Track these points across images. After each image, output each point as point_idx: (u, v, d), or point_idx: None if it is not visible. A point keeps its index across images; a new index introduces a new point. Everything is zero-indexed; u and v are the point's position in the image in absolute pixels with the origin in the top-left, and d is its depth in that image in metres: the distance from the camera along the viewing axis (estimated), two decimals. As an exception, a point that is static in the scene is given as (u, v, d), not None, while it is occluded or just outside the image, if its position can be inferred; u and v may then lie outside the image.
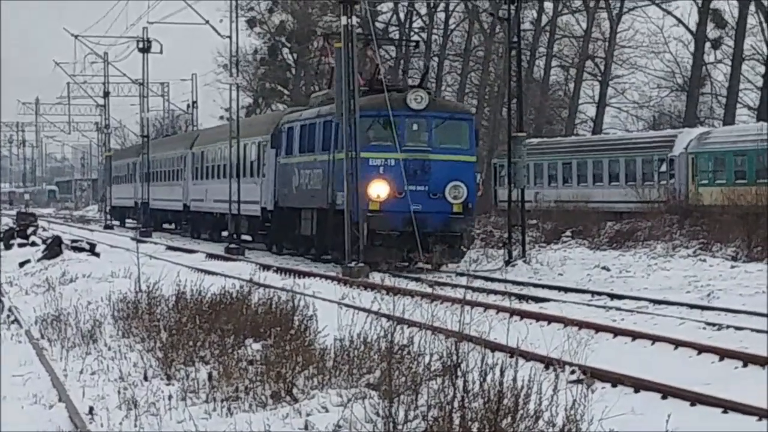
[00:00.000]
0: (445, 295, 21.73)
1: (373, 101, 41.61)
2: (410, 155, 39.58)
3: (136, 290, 27.99)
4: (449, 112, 43.38)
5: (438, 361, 14.65)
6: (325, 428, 14.74)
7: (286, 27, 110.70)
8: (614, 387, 17.95)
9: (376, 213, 38.96)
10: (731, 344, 23.01)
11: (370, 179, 39.37)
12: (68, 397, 18.66)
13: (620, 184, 68.56)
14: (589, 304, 31.48)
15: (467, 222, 40.51)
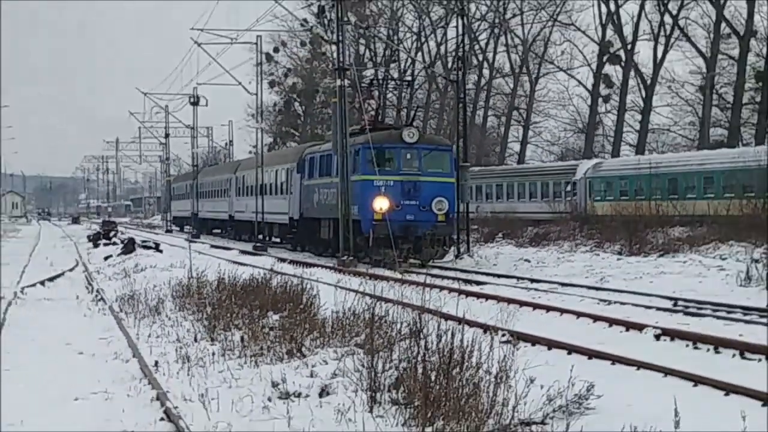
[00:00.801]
0: (411, 280, 21.75)
1: (376, 136, 41.45)
2: (405, 177, 39.71)
3: (188, 277, 27.97)
4: (434, 144, 43.61)
5: (406, 327, 14.64)
6: (325, 376, 14.73)
7: (297, 87, 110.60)
8: (533, 345, 17.94)
9: (380, 222, 38.33)
10: (617, 315, 23.02)
11: (375, 196, 39.20)
12: (140, 354, 18.63)
13: (537, 200, 68.48)
14: (515, 286, 31.42)
15: (448, 228, 40.75)
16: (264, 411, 13.38)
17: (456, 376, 12.11)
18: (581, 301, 26.43)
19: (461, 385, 11.93)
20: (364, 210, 39.71)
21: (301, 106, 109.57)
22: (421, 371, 12.50)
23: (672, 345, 19.14)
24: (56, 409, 14.73)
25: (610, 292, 29.68)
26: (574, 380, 13.00)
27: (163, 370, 16.80)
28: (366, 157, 40.20)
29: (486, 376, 12.16)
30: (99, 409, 14.68)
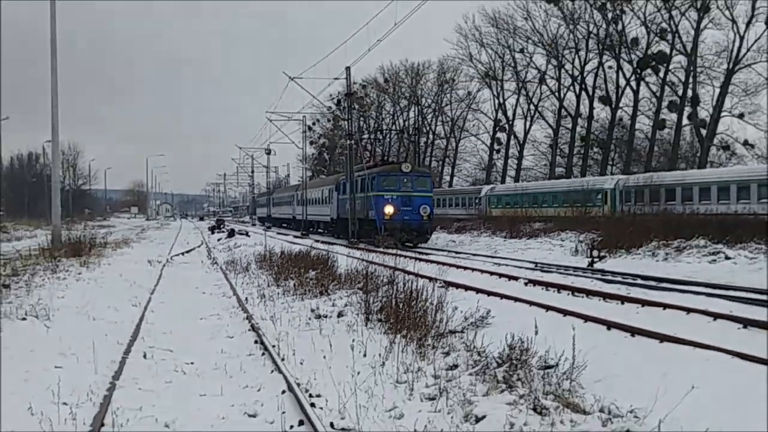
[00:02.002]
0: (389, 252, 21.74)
1: (385, 168, 42.08)
2: (403, 194, 39.75)
3: (264, 250, 27.89)
4: (420, 173, 42.96)
5: (385, 279, 14.62)
6: (341, 305, 14.69)
7: (325, 144, 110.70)
8: (456, 289, 17.87)
9: (388, 220, 38.76)
10: (504, 271, 23.00)
11: (385, 204, 39.46)
12: (237, 293, 18.60)
13: (460, 207, 68.23)
14: (447, 255, 31.32)
15: (430, 224, 40.49)
16: (306, 325, 13.44)
17: (413, 305, 12.10)
18: (484, 264, 26.36)
19: (416, 311, 11.92)
20: (379, 213, 39.50)
21: (328, 154, 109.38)
22: (394, 303, 12.51)
23: (534, 288, 19.12)
24: (190, 323, 14.84)
25: (500, 258, 29.68)
26: (479, 308, 13.03)
27: (250, 303, 16.80)
28: (380, 181, 40.27)
29: (430, 306, 12.15)
30: (214, 323, 14.76)
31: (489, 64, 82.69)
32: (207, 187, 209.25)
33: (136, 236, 53.58)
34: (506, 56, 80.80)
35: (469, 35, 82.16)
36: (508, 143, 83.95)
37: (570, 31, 73.45)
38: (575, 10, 72.26)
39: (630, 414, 7.34)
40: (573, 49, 73.98)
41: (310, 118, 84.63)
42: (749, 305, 14.86)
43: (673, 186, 45.71)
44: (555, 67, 76.09)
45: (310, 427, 7.48)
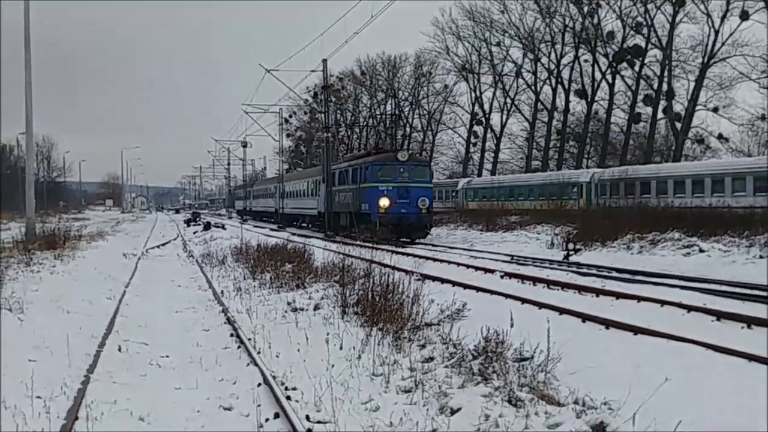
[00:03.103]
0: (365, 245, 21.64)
1: (380, 157, 38.91)
2: (400, 184, 36.59)
3: (241, 243, 27.78)
4: (418, 161, 40.55)
5: (362, 272, 14.62)
6: (317, 298, 14.67)
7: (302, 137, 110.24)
8: (433, 281, 17.88)
9: (384, 214, 35.78)
10: (480, 264, 23.06)
11: (380, 197, 36.36)
12: (212, 286, 18.55)
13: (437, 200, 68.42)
14: (423, 248, 31.34)
15: (429, 218, 37.42)
16: (282, 318, 13.44)
17: (390, 298, 12.10)
18: (460, 257, 26.44)
19: (393, 303, 11.91)
20: (373, 206, 36.64)
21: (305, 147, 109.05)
22: (370, 296, 12.50)
23: (510, 281, 19.20)
24: (165, 317, 14.83)
25: (476, 251, 29.73)
26: (455, 301, 13.06)
27: (226, 296, 16.77)
28: (374, 171, 37.37)
29: (406, 299, 12.15)
30: (189, 317, 14.74)
31: (466, 57, 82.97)
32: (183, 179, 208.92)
33: (111, 229, 53.19)
34: (483, 49, 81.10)
35: (445, 28, 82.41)
36: (485, 136, 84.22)
37: (546, 25, 73.83)
38: (551, 4, 72.59)
39: (604, 406, 7.38)
40: (549, 43, 74.35)
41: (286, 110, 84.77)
42: (723, 298, 14.99)
43: (648, 179, 46.04)
44: (531, 61, 76.44)
45: (285, 419, 7.47)
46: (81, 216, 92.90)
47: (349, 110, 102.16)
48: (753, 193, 38.33)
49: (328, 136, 48.58)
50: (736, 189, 39.58)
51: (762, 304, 14.07)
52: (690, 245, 25.64)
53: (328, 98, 52.76)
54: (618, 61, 68.77)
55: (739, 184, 39.61)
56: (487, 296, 15.95)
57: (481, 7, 78.56)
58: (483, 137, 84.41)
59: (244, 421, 7.84)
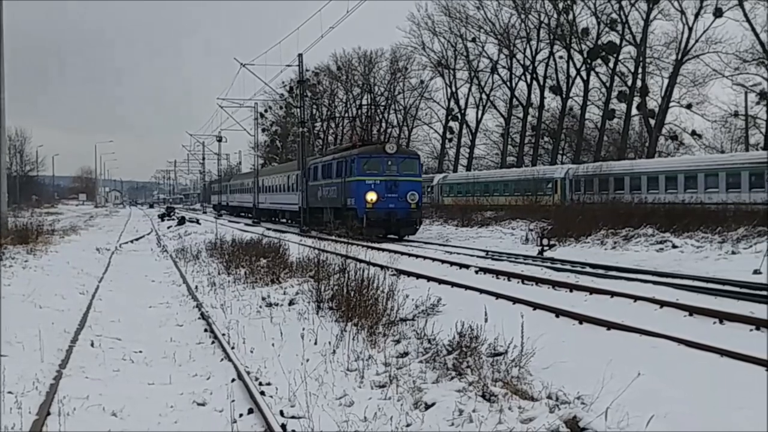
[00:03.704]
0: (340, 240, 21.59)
1: (366, 149, 36.85)
2: (388, 178, 34.77)
3: (215, 238, 27.68)
4: (407, 154, 38.45)
5: (337, 267, 14.62)
6: (292, 294, 14.67)
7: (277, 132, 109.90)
8: (408, 277, 17.91)
9: (370, 209, 34.16)
10: (455, 259, 23.07)
11: (367, 191, 34.46)
12: (187, 282, 18.49)
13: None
14: (398, 244, 31.31)
15: (418, 213, 35.69)
16: (257, 313, 13.44)
17: (365, 293, 12.10)
18: (435, 252, 26.39)
19: (367, 299, 11.92)
20: (359, 201, 34.82)
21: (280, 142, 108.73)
22: (345, 291, 12.50)
23: (485, 276, 19.24)
24: (139, 311, 14.79)
25: (451, 247, 29.74)
26: (430, 296, 13.07)
27: (200, 291, 16.73)
28: (360, 164, 35.51)
29: (381, 294, 12.16)
30: (163, 312, 14.70)
31: (441, 52, 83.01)
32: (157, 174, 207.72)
33: (84, 223, 52.87)
34: (458, 45, 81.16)
35: (421, 24, 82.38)
36: (461, 132, 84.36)
37: (521, 21, 73.98)
38: (526, 0, 72.68)
39: (577, 400, 7.41)
40: (524, 39, 74.50)
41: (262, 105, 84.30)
42: (695, 293, 15.09)
43: (621, 175, 46.34)
44: (507, 57, 76.57)
45: (259, 415, 7.45)
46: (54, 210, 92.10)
47: (325, 105, 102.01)
48: (725, 190, 38.67)
49: (304, 131, 48.47)
50: (708, 185, 39.92)
51: (733, 299, 14.21)
52: (663, 241, 25.85)
53: (304, 93, 52.63)
54: (592, 57, 69.07)
55: (712, 180, 39.95)
56: (462, 291, 15.98)
57: (457, 3, 78.61)
58: (458, 133, 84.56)
59: (217, 416, 7.81)
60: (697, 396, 7.70)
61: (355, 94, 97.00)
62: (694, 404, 7.46)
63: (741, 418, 7.08)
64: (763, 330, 11.21)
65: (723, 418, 7.08)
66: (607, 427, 6.75)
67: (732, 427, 6.89)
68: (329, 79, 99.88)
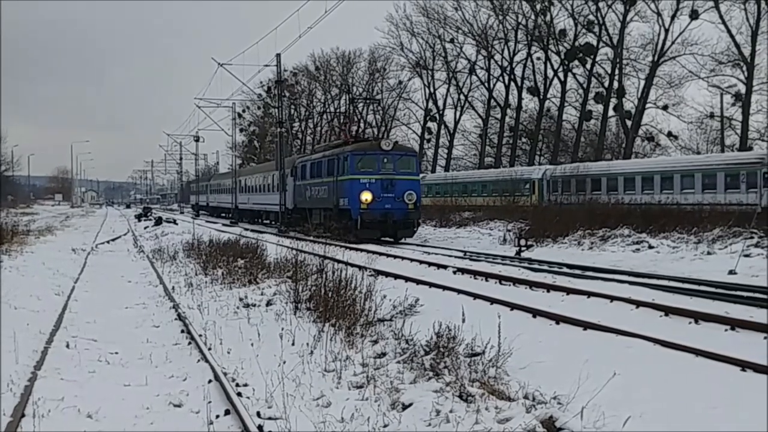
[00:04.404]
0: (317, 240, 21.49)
1: (360, 146, 34.43)
2: (384, 177, 32.43)
3: (192, 238, 27.56)
4: (404, 151, 35.47)
5: (315, 267, 14.60)
6: (270, 294, 14.64)
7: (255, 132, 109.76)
8: (386, 277, 17.91)
9: (365, 210, 32.11)
10: (433, 260, 23.09)
11: (361, 191, 32.19)
12: (163, 282, 18.40)
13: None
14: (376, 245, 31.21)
15: (416, 214, 33.43)
16: (234, 314, 13.41)
17: (343, 294, 12.10)
18: (413, 253, 26.36)
19: (345, 299, 11.91)
20: (353, 201, 32.62)
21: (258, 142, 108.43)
22: (323, 292, 12.50)
23: (462, 277, 19.26)
24: (115, 312, 14.72)
25: (429, 247, 29.72)
26: (408, 296, 13.08)
27: (177, 291, 16.65)
28: (354, 161, 33.18)
29: (359, 294, 12.16)
30: (140, 313, 14.63)
31: (420, 53, 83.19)
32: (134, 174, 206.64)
33: (60, 224, 52.50)
34: (437, 46, 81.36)
35: (399, 24, 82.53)
36: (439, 133, 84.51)
37: (499, 22, 74.25)
38: (504, 2, 73.00)
39: (554, 400, 7.45)
40: (502, 40, 74.77)
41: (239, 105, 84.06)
42: (671, 293, 15.19)
43: (598, 176, 46.55)
44: (485, 58, 76.81)
45: (236, 416, 7.42)
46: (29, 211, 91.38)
47: (303, 105, 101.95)
48: (701, 191, 38.94)
49: (282, 131, 48.36)
50: (684, 186, 40.18)
51: (709, 300, 14.31)
52: (639, 241, 26.01)
53: (282, 93, 52.57)
54: (570, 59, 69.44)
55: (688, 181, 40.22)
56: (440, 292, 15.99)
57: (435, 4, 78.85)
58: (437, 133, 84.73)
59: (194, 417, 7.77)
60: (672, 396, 7.75)
61: (333, 94, 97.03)
62: (670, 404, 7.51)
63: (716, 417, 7.14)
64: (738, 330, 11.31)
65: (698, 418, 7.13)
66: (583, 427, 6.78)
67: (707, 426, 6.94)
68: (307, 79, 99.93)
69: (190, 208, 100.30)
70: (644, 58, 65.05)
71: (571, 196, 44.97)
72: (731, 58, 58.82)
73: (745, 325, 11.38)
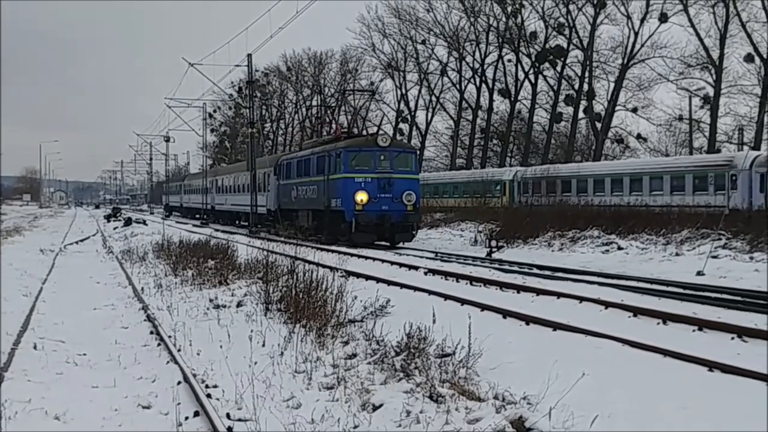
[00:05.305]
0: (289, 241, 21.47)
1: (355, 142, 32.13)
2: (380, 175, 29.99)
3: (162, 239, 27.36)
4: (402, 147, 33.43)
5: (286, 268, 14.55)
6: (240, 295, 14.59)
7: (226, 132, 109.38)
8: (357, 278, 17.90)
9: (360, 212, 29.71)
10: (404, 261, 23.12)
11: (356, 191, 29.85)
12: (132, 283, 18.26)
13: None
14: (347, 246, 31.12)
15: (416, 216, 31.14)
16: (204, 315, 13.35)
17: (314, 295, 12.07)
18: (385, 254, 26.35)
19: (316, 300, 11.89)
20: (347, 202, 30.27)
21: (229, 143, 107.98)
22: (294, 293, 12.47)
23: (433, 278, 19.30)
24: (83, 313, 14.61)
25: (400, 248, 29.65)
26: (379, 297, 13.07)
27: (146, 292, 16.55)
28: (348, 158, 30.82)
29: (330, 295, 12.13)
30: (108, 314, 14.52)
31: (391, 54, 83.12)
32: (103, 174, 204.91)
33: (28, 224, 51.97)
34: (408, 47, 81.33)
35: (371, 25, 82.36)
36: (410, 134, 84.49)
37: (471, 24, 74.41)
38: (476, 3, 73.20)
39: (523, 401, 7.48)
40: (474, 42, 74.93)
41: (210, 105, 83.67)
42: (640, 294, 15.33)
43: (568, 178, 46.80)
44: (456, 60, 76.92)
45: (205, 417, 7.38)
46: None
47: (275, 106, 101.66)
48: (670, 193, 39.28)
49: (253, 131, 48.19)
50: (653, 188, 40.50)
51: (677, 300, 14.44)
52: (609, 243, 26.21)
53: (253, 94, 52.39)
54: (540, 61, 69.77)
55: (657, 183, 40.54)
56: (411, 293, 16.01)
57: (407, 5, 78.76)
58: (408, 135, 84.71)
59: (162, 419, 7.72)
60: (640, 396, 7.81)
61: (305, 95, 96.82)
62: (638, 404, 7.56)
63: (683, 417, 7.20)
64: (706, 330, 11.42)
65: (666, 418, 7.19)
66: (552, 427, 6.81)
67: (675, 426, 7.00)
68: (279, 79, 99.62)
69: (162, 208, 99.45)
70: (614, 60, 65.55)
71: (542, 198, 45.19)
72: (700, 61, 59.39)
73: (713, 326, 11.50)
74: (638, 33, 62.55)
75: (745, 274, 19.04)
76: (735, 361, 8.95)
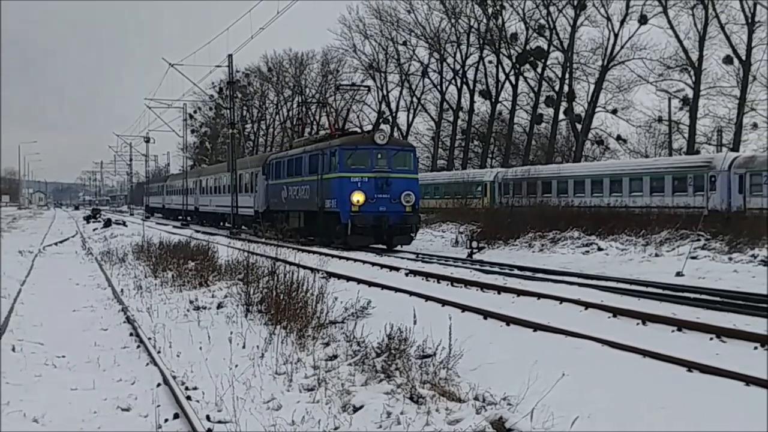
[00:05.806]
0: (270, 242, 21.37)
1: (350, 139, 30.89)
2: (378, 175, 28.79)
3: (142, 241, 27.23)
4: (401, 146, 32.53)
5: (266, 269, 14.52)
6: (221, 297, 14.56)
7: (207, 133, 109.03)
8: (338, 279, 17.87)
9: (356, 213, 28.49)
10: (386, 262, 23.13)
11: (352, 191, 28.60)
12: (112, 285, 18.16)
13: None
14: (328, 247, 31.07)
15: (415, 218, 29.75)
16: (184, 317, 13.30)
17: (294, 296, 12.05)
18: (366, 255, 26.32)
19: (297, 301, 11.87)
20: (342, 203, 29.08)
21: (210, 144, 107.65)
22: (275, 294, 12.45)
23: (414, 279, 19.33)
24: (63, 315, 14.50)
25: (382, 249, 29.58)
26: (360, 298, 13.06)
27: (126, 294, 16.47)
28: (343, 157, 29.66)
29: (311, 297, 12.11)
30: (88, 316, 14.44)
31: (373, 55, 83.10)
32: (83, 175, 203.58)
33: (6, 226, 51.57)
34: (389, 48, 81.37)
35: (352, 26, 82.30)
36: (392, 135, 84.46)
37: (452, 25, 74.55)
38: (457, 5, 73.31)
39: (503, 401, 7.49)
40: (455, 43, 75.08)
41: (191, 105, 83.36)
42: (619, 295, 15.41)
43: (549, 179, 46.96)
44: (437, 61, 77.04)
45: (185, 420, 7.35)
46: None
47: (256, 107, 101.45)
48: (649, 194, 39.48)
49: (234, 132, 48.06)
50: (633, 189, 40.70)
51: (656, 301, 14.53)
52: (589, 244, 26.32)
53: (234, 94, 52.27)
54: (521, 62, 69.97)
55: (637, 184, 40.74)
56: (392, 294, 16.02)
57: (388, 6, 78.77)
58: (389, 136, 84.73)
59: (142, 421, 7.68)
60: (620, 396, 7.84)
61: (286, 95, 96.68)
62: (618, 405, 7.60)
63: (663, 417, 7.24)
64: (685, 331, 11.49)
65: (645, 419, 7.23)
66: (532, 428, 6.83)
67: (654, 426, 7.04)
68: (260, 80, 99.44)
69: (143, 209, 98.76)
70: (594, 62, 65.84)
71: (523, 199, 45.28)
72: (679, 63, 59.77)
73: (692, 326, 11.58)
74: (618, 35, 62.93)
75: (724, 275, 19.17)
76: (714, 362, 9.01)
